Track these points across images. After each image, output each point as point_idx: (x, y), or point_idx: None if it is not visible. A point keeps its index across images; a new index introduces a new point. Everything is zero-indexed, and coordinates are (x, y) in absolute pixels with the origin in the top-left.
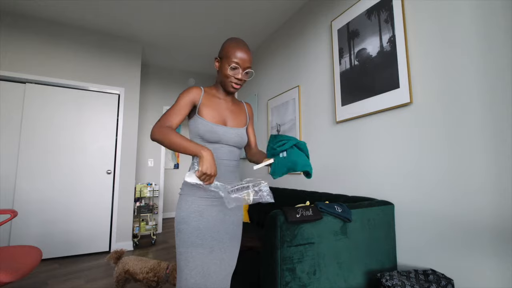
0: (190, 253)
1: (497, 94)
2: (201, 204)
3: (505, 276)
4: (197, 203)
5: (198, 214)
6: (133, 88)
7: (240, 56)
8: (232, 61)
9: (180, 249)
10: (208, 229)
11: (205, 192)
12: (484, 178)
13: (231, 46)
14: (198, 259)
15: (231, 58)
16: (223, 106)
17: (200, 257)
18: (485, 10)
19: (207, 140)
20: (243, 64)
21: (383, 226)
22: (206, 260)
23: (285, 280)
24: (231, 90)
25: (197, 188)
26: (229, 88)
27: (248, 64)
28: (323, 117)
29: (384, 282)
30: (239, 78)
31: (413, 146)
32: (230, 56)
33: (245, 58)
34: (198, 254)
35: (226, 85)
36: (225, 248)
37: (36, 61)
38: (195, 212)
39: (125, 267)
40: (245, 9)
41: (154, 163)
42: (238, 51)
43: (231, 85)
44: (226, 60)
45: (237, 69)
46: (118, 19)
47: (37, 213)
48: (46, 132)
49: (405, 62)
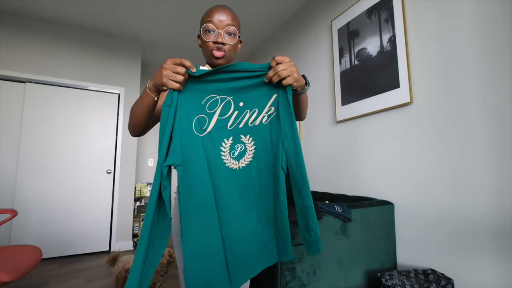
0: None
1: (497, 94)
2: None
3: (505, 276)
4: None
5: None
6: (133, 88)
7: (217, 16)
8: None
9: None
10: None
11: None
12: (484, 178)
13: (206, 11)
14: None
15: (204, 22)
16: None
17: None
18: (485, 10)
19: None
20: (220, 24)
21: (383, 226)
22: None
23: (285, 279)
24: (213, 60)
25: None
26: (210, 58)
27: (227, 22)
28: (323, 116)
29: (384, 281)
30: (218, 42)
31: (414, 146)
32: (204, 20)
33: (222, 17)
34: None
35: (207, 57)
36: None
37: (36, 61)
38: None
39: (126, 266)
40: (245, 9)
41: (154, 163)
42: (213, 12)
43: (212, 53)
44: (202, 29)
45: (213, 31)
46: (118, 18)
47: (37, 212)
48: (46, 132)
49: (405, 62)
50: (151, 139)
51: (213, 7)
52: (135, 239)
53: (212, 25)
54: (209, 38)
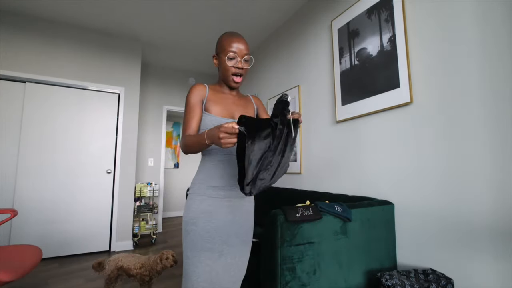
0: (198, 258)
1: (497, 93)
2: (211, 204)
3: (505, 276)
4: (207, 203)
5: (208, 215)
6: (133, 88)
7: (236, 45)
8: (229, 51)
9: (187, 253)
10: (217, 232)
11: (214, 190)
12: (484, 178)
13: (225, 39)
14: (206, 265)
15: (227, 49)
16: (229, 101)
17: (208, 262)
18: (486, 10)
19: None
20: (240, 52)
21: (383, 225)
22: (214, 265)
23: (285, 279)
24: (233, 84)
25: (206, 186)
26: (230, 82)
27: (245, 52)
28: (323, 116)
29: (384, 281)
30: (239, 67)
31: (414, 145)
32: (226, 47)
33: (241, 46)
34: (207, 259)
35: (227, 78)
36: (234, 252)
37: (36, 61)
38: (205, 213)
39: (118, 264)
40: (245, 9)
41: (154, 163)
42: (233, 41)
43: (232, 78)
44: (223, 53)
45: (235, 58)
46: (118, 18)
47: (37, 212)
48: (46, 132)
49: (406, 62)
50: (151, 139)
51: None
52: (135, 239)
53: (234, 54)
54: (232, 63)
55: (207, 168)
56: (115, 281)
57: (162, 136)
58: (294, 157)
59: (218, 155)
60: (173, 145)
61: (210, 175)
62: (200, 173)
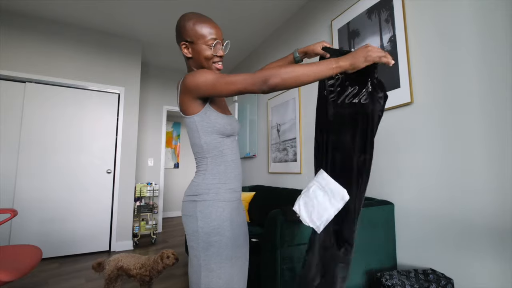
0: (224, 268)
1: (497, 93)
2: (231, 209)
3: (505, 276)
4: (228, 210)
5: (230, 221)
6: (133, 88)
7: (215, 31)
8: (210, 39)
9: (211, 266)
10: (240, 236)
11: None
12: (484, 178)
13: (199, 24)
14: (229, 273)
15: (207, 36)
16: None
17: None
18: (485, 10)
19: (226, 134)
20: (220, 38)
21: (383, 225)
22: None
23: (285, 279)
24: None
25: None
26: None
27: (222, 37)
28: None
29: (384, 281)
30: (221, 55)
31: (413, 145)
32: (204, 34)
33: (219, 31)
34: (230, 267)
35: (209, 68)
36: (246, 254)
37: (36, 61)
38: (228, 221)
39: (118, 264)
40: (245, 9)
41: (154, 163)
42: (210, 26)
43: (214, 66)
44: (200, 41)
45: (218, 45)
46: (118, 18)
47: (37, 212)
48: (46, 131)
49: (406, 62)
50: (151, 139)
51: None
52: (135, 239)
53: (217, 41)
54: (215, 51)
55: (222, 170)
56: (115, 281)
57: (162, 136)
58: (294, 157)
59: (230, 155)
60: (173, 145)
61: (226, 177)
62: (212, 177)
